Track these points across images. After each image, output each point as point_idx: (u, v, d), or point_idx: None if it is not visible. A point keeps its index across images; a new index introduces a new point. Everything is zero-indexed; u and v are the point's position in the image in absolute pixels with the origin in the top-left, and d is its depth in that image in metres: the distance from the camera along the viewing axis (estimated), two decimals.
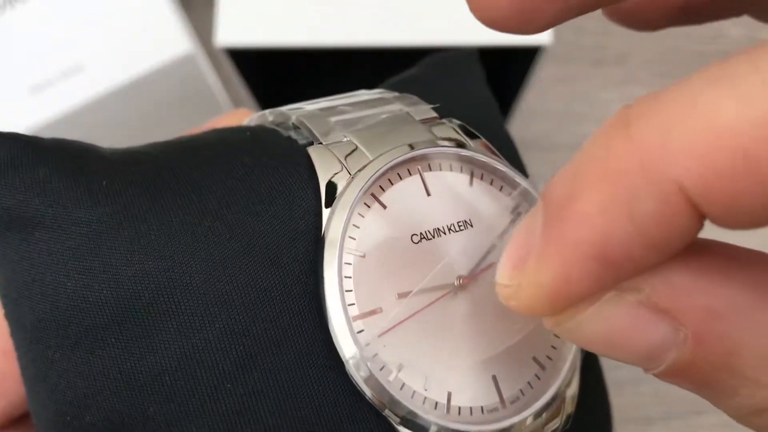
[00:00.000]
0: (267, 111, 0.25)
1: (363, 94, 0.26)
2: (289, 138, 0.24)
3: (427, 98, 0.26)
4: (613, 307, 0.15)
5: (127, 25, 0.47)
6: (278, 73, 0.54)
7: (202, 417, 0.20)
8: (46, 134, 0.26)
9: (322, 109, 0.24)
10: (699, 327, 0.15)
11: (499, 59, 0.53)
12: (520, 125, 0.62)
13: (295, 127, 0.24)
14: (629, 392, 0.56)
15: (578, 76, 0.63)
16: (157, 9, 0.48)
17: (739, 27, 0.64)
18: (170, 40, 0.47)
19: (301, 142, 0.23)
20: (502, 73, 0.54)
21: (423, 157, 0.23)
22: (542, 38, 0.42)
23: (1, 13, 0.47)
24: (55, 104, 0.45)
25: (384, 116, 0.24)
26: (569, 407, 0.23)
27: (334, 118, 0.24)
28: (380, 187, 0.22)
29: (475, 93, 0.30)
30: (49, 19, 0.47)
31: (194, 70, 0.49)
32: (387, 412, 0.20)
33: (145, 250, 0.20)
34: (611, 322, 0.15)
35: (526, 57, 0.45)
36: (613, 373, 0.56)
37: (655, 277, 0.15)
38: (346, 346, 0.20)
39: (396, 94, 0.26)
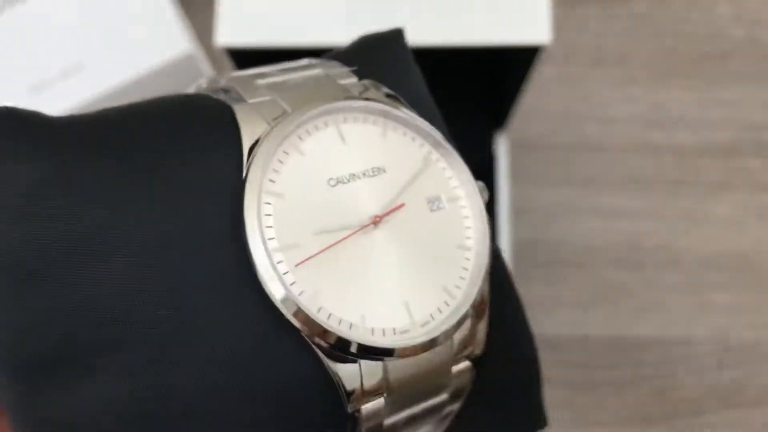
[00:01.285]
0: (202, 79, 0.28)
1: (290, 62, 0.29)
2: (218, 100, 0.26)
3: (359, 69, 0.28)
4: None
5: (127, 24, 0.47)
6: None
7: (139, 341, 0.22)
8: None
9: (251, 75, 0.27)
10: None
11: (499, 59, 0.53)
12: (520, 125, 0.62)
13: (226, 91, 0.26)
14: (629, 392, 0.56)
15: (578, 76, 0.63)
16: (157, 9, 0.48)
17: (739, 27, 0.64)
18: (170, 39, 0.47)
19: (230, 103, 0.25)
20: (502, 73, 0.54)
21: (338, 110, 0.26)
22: (542, 38, 0.42)
23: (1, 12, 0.47)
24: (55, 104, 0.45)
25: (306, 78, 0.27)
26: (480, 334, 0.26)
27: (260, 81, 0.26)
28: (298, 137, 0.25)
29: (402, 65, 0.32)
30: (49, 19, 0.47)
31: (194, 69, 0.49)
32: (304, 329, 0.22)
33: (83, 200, 0.22)
34: None
35: (526, 57, 0.45)
36: (613, 372, 0.56)
37: None
38: (267, 275, 0.22)
39: (318, 60, 0.29)
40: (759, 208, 0.60)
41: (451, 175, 0.27)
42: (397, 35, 0.33)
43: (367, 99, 0.26)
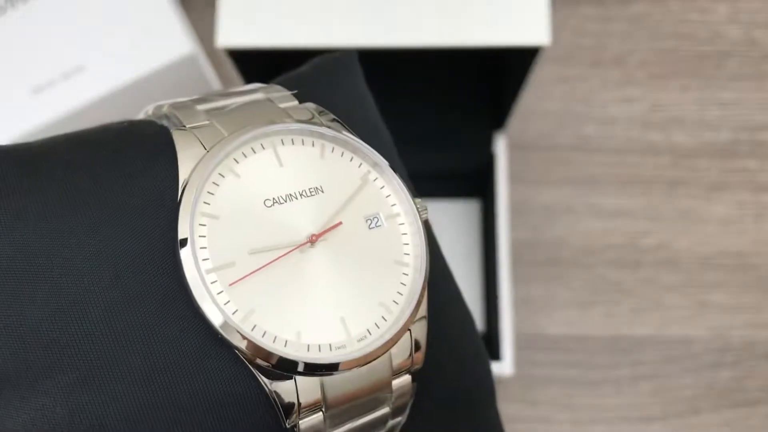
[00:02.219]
0: (150, 106, 0.29)
1: (235, 87, 0.30)
2: (162, 126, 0.27)
3: (307, 93, 0.29)
4: None
5: (128, 25, 0.47)
6: (278, 74, 0.55)
7: (76, 362, 0.22)
8: (48, 134, 0.27)
9: (193, 100, 0.28)
10: None
11: (499, 60, 0.54)
12: (520, 125, 0.62)
13: (167, 117, 0.27)
14: (628, 391, 0.56)
15: (577, 76, 0.63)
16: (158, 10, 0.48)
17: (737, 28, 0.64)
18: (171, 40, 0.47)
19: (171, 128, 0.26)
20: (502, 73, 0.54)
21: (275, 133, 0.26)
22: (541, 39, 0.42)
23: (3, 13, 0.47)
24: (57, 105, 0.46)
25: (246, 102, 0.28)
26: (418, 348, 0.26)
27: (200, 106, 0.27)
28: (234, 159, 0.25)
29: (350, 89, 0.33)
30: (50, 20, 0.47)
31: (195, 70, 0.49)
32: (240, 347, 0.23)
33: (24, 220, 0.23)
34: None
35: (526, 57, 0.45)
36: (613, 372, 0.56)
37: None
38: (200, 296, 0.23)
39: (262, 85, 0.30)
40: (757, 208, 0.60)
41: (389, 193, 0.27)
42: (349, 58, 0.33)
43: (304, 121, 0.27)
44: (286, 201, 0.25)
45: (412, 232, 0.27)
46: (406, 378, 0.26)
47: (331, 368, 0.23)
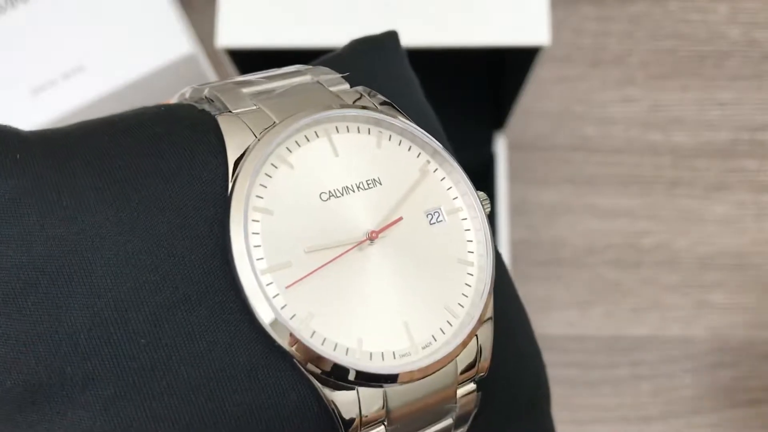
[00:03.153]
0: (186, 88, 0.26)
1: (278, 69, 0.27)
2: (203, 110, 0.25)
3: (352, 76, 0.27)
4: None
5: (128, 25, 0.47)
6: None
7: (117, 373, 0.20)
8: None
9: (236, 83, 0.25)
10: None
11: (499, 59, 0.54)
12: (520, 125, 0.62)
13: (209, 101, 0.25)
14: (628, 391, 0.56)
15: (577, 76, 0.63)
16: (158, 10, 0.48)
17: (737, 28, 0.64)
18: (171, 40, 0.47)
19: (214, 113, 0.24)
20: (502, 73, 0.54)
21: (329, 119, 0.24)
22: (541, 39, 0.42)
23: (3, 13, 0.47)
24: (57, 104, 0.46)
25: (294, 85, 0.25)
26: (486, 354, 0.24)
27: (245, 89, 0.25)
28: (287, 149, 0.23)
29: (394, 70, 0.30)
30: (50, 20, 0.47)
31: (195, 70, 0.49)
32: (297, 355, 0.21)
33: (56, 216, 0.21)
34: None
35: (526, 57, 0.45)
36: (613, 372, 0.56)
37: None
38: (255, 299, 0.21)
39: (307, 66, 0.27)
40: (757, 208, 0.60)
41: (450, 185, 0.25)
42: (391, 38, 0.31)
43: (359, 107, 0.25)
44: (342, 194, 0.23)
45: (475, 227, 0.25)
46: (471, 387, 0.24)
47: (395, 378, 0.21)
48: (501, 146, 0.56)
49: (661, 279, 0.59)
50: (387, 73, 0.30)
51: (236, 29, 0.43)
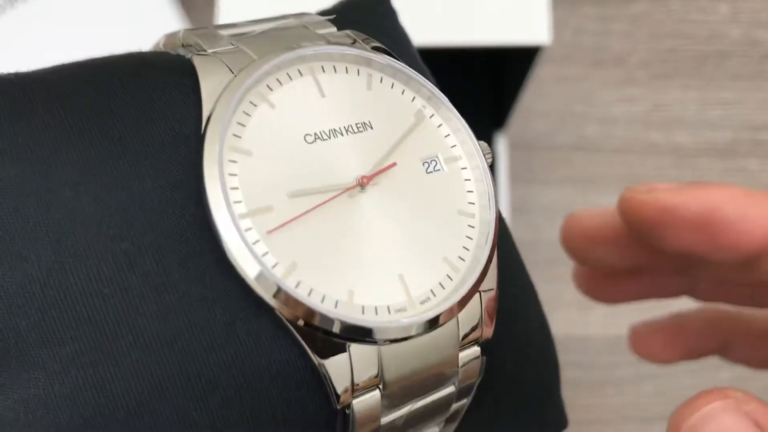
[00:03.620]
0: (160, 37, 0.25)
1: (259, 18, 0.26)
2: (178, 55, 0.23)
3: (342, 26, 0.25)
4: (724, 408, 0.20)
5: (127, 25, 0.47)
6: None
7: (78, 328, 0.18)
8: None
9: (214, 26, 0.24)
10: None
11: (499, 59, 0.53)
12: (520, 125, 0.62)
13: (185, 46, 0.23)
14: (630, 391, 0.56)
15: (578, 76, 0.63)
16: (158, 9, 0.48)
17: (737, 27, 0.64)
18: None
19: (188, 56, 0.22)
20: (502, 73, 0.54)
21: (314, 57, 0.22)
22: (542, 38, 0.42)
23: (2, 12, 0.47)
24: None
25: (278, 27, 0.24)
26: (490, 313, 0.22)
27: (224, 31, 0.23)
28: (267, 86, 0.21)
29: (388, 26, 0.28)
30: (50, 20, 0.47)
31: None
32: (281, 308, 0.19)
33: (7, 155, 0.19)
34: (721, 421, 0.20)
35: (526, 57, 0.45)
36: (613, 372, 0.56)
37: (755, 401, 0.20)
38: (233, 245, 0.19)
39: (291, 13, 0.25)
40: None
41: (448, 132, 0.24)
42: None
43: (346, 45, 0.23)
44: (329, 137, 0.21)
45: (476, 178, 0.23)
46: (475, 350, 0.22)
47: (391, 335, 0.20)
48: (502, 146, 0.56)
49: None
50: (380, 27, 0.28)
51: None
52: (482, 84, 0.57)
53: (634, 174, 0.61)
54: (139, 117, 0.20)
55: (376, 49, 0.24)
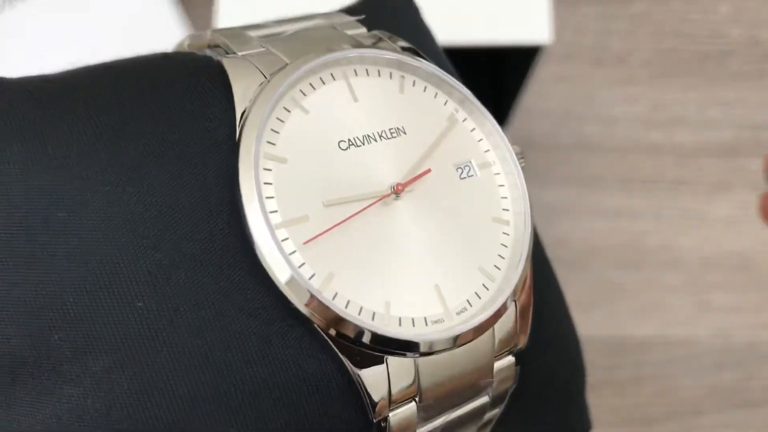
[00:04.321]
0: (184, 38, 0.24)
1: (289, 15, 0.25)
2: (205, 56, 0.22)
3: (368, 24, 0.25)
4: None
5: (127, 24, 0.47)
6: None
7: (111, 343, 0.17)
8: None
9: (242, 27, 0.23)
10: None
11: (499, 59, 0.53)
12: (520, 125, 0.61)
13: (213, 47, 0.22)
14: (630, 392, 0.56)
15: (578, 76, 0.63)
16: (157, 9, 0.48)
17: (738, 27, 0.64)
18: (170, 39, 0.47)
19: (217, 58, 0.22)
20: (502, 73, 0.54)
21: (347, 61, 0.22)
22: (542, 38, 0.42)
23: (1, 12, 0.47)
24: None
25: (307, 28, 0.23)
26: (526, 322, 0.21)
27: (253, 32, 0.23)
28: (300, 91, 0.21)
29: (413, 22, 0.28)
30: (48, 19, 0.47)
31: None
32: (317, 320, 0.18)
33: (39, 165, 0.18)
34: None
35: (526, 57, 0.45)
36: (614, 373, 0.56)
37: None
38: (270, 256, 0.18)
39: (319, 13, 0.25)
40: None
41: (481, 137, 0.23)
42: None
43: (378, 48, 0.22)
44: (363, 143, 0.21)
45: (510, 183, 0.23)
46: (510, 360, 0.22)
47: (429, 347, 0.19)
48: None
49: (663, 279, 0.58)
50: (405, 24, 0.27)
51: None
52: (483, 83, 0.56)
53: (635, 174, 0.61)
54: (171, 121, 0.20)
55: (405, 50, 0.23)
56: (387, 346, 0.19)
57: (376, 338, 0.18)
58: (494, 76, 0.56)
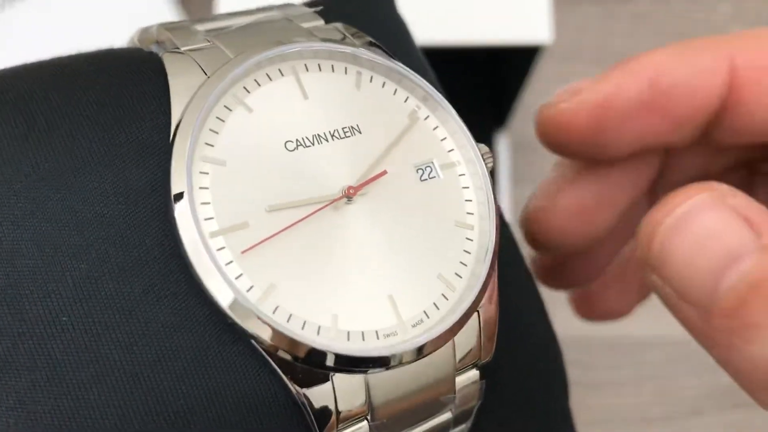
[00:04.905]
0: (135, 32, 0.23)
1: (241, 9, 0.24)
2: (150, 52, 0.21)
3: (332, 18, 0.23)
4: (707, 203, 0.16)
5: (126, 25, 0.47)
6: None
7: (34, 359, 0.16)
8: None
9: (190, 20, 0.22)
10: None
11: (499, 59, 0.53)
12: (520, 125, 0.61)
13: (159, 42, 0.21)
14: (629, 393, 0.56)
15: (578, 75, 0.63)
16: (157, 9, 0.48)
17: (738, 27, 0.63)
18: None
19: (159, 53, 0.20)
20: (502, 73, 0.54)
21: (296, 55, 0.20)
22: (543, 38, 0.42)
23: (1, 12, 0.47)
24: None
25: (258, 21, 0.22)
26: (489, 333, 0.20)
27: (200, 26, 0.21)
28: (244, 88, 0.19)
29: (385, 14, 0.26)
30: (48, 19, 0.47)
31: None
32: (257, 336, 0.17)
33: None
34: (704, 218, 0.16)
35: (527, 57, 0.45)
36: (614, 373, 0.56)
37: (742, 194, 0.17)
38: (202, 267, 0.17)
39: (275, 4, 0.23)
40: None
41: (445, 135, 0.22)
42: None
43: (333, 41, 0.21)
44: (313, 143, 0.19)
45: (475, 185, 0.21)
46: (474, 374, 0.20)
47: (379, 363, 0.18)
48: (503, 145, 0.56)
49: None
50: (375, 16, 0.26)
51: None
52: (483, 82, 0.56)
53: None
54: (103, 123, 0.19)
55: (369, 44, 0.22)
56: (332, 363, 0.17)
57: (319, 354, 0.17)
58: (494, 76, 0.56)
